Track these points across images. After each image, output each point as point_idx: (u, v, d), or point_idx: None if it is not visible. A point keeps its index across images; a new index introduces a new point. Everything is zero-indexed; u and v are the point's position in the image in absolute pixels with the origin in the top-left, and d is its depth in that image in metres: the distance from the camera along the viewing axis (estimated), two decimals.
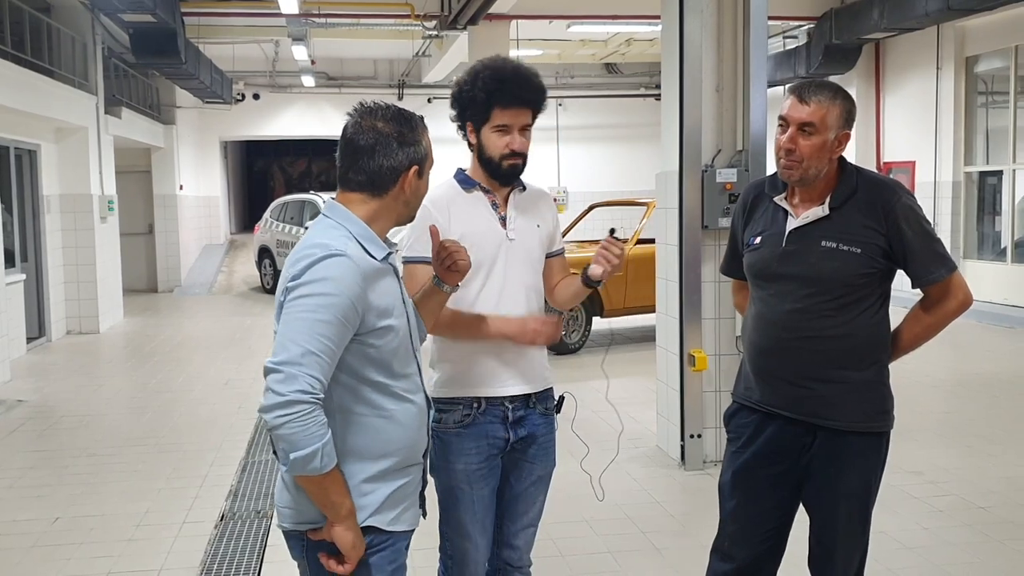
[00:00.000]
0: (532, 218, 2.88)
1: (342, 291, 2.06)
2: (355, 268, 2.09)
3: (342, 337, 2.08)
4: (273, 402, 1.99)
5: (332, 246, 2.10)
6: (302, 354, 2.01)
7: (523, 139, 2.78)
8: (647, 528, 4.73)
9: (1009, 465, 5.70)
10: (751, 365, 2.87)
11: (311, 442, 2.00)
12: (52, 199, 11.34)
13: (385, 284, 2.20)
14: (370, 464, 2.19)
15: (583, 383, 8.40)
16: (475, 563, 2.82)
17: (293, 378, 1.99)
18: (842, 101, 2.69)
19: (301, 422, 1.98)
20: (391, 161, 2.20)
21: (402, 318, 2.24)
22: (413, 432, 2.27)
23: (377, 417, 2.20)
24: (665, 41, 5.85)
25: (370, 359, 2.16)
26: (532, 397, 2.85)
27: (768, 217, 2.84)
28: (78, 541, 4.72)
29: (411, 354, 2.29)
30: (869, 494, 2.80)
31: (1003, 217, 12.66)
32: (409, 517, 2.30)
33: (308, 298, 2.05)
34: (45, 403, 7.91)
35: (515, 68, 2.75)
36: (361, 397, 2.18)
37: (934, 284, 2.73)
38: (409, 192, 2.26)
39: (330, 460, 2.05)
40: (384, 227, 2.27)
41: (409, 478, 2.28)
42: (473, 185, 2.84)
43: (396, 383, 2.23)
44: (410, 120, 2.25)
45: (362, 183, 2.23)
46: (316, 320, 2.03)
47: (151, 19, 11.06)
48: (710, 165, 5.57)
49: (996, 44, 12.43)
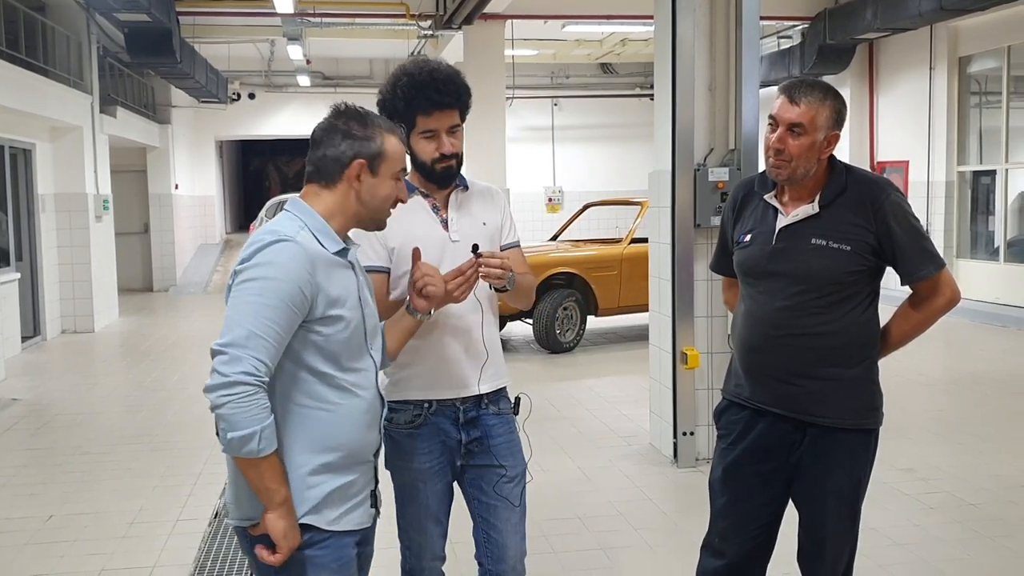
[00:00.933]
0: (476, 217, 2.85)
1: (288, 275, 2.08)
2: (302, 252, 2.12)
3: (289, 321, 2.09)
4: (216, 382, 2.01)
5: (282, 232, 2.14)
6: (247, 336, 2.03)
7: (452, 140, 2.74)
8: (639, 525, 4.75)
9: (1000, 463, 5.73)
10: (741, 362, 2.89)
11: (250, 424, 2.01)
12: (47, 198, 11.34)
13: (338, 276, 2.21)
14: (313, 457, 2.18)
15: (577, 381, 8.45)
16: (431, 550, 2.85)
17: (238, 360, 2.02)
18: (832, 101, 2.70)
19: (242, 403, 2.00)
20: (333, 151, 2.24)
21: (355, 312, 2.24)
22: (360, 429, 2.26)
23: (321, 409, 2.19)
24: (658, 41, 5.87)
25: (317, 347, 2.17)
26: (484, 398, 2.83)
27: (758, 215, 2.86)
28: (71, 539, 4.73)
29: (364, 350, 2.29)
30: (858, 491, 2.82)
31: (996, 217, 12.70)
32: (357, 516, 2.29)
33: (254, 281, 2.08)
34: (39, 401, 7.91)
35: (432, 71, 2.69)
36: (304, 388, 2.18)
37: (923, 281, 2.75)
38: (362, 189, 2.26)
39: (268, 445, 2.05)
40: (343, 224, 2.28)
41: (354, 476, 2.27)
42: (412, 190, 2.79)
43: (343, 375, 2.22)
44: (364, 117, 2.27)
45: (311, 173, 2.28)
46: (262, 303, 2.06)
47: (146, 18, 11.05)
48: (702, 164, 5.59)
49: (989, 44, 12.47)
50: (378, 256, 2.75)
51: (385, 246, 2.75)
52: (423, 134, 2.72)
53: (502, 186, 12.98)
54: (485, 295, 2.81)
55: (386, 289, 2.75)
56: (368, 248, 2.73)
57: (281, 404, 2.16)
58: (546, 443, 6.27)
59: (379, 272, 2.74)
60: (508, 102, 14.22)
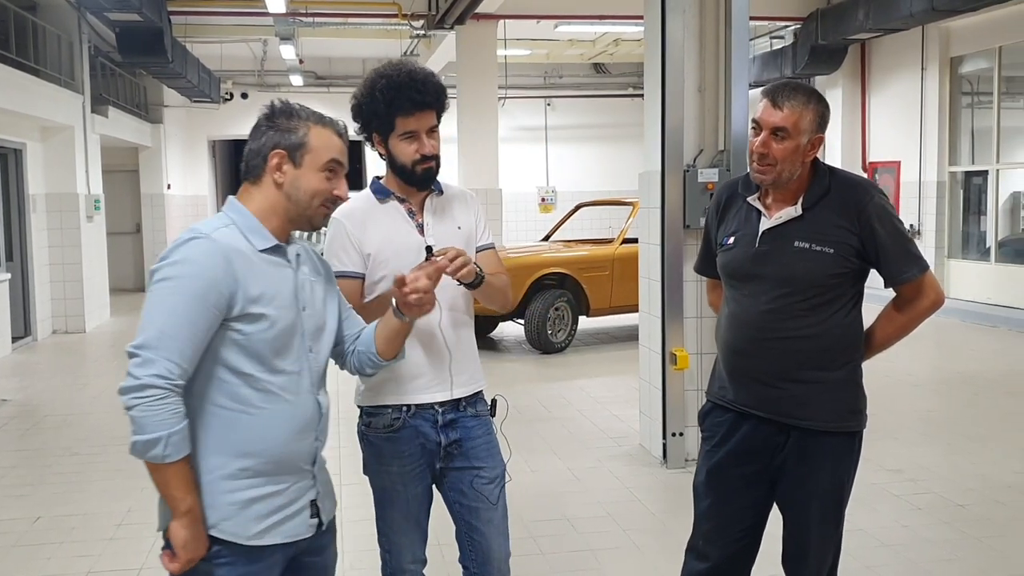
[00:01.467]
0: (451, 221, 2.85)
1: (200, 272, 2.03)
2: (216, 249, 2.06)
3: (205, 319, 2.03)
4: (128, 384, 1.96)
5: (200, 230, 2.10)
6: (159, 337, 1.98)
7: (432, 141, 2.74)
8: (628, 526, 4.76)
9: (988, 463, 5.75)
10: (724, 365, 2.89)
11: (156, 428, 1.96)
12: (38, 198, 11.31)
13: (263, 273, 2.14)
14: (230, 461, 2.11)
15: (569, 382, 8.45)
16: (412, 553, 2.85)
17: (150, 362, 1.97)
18: (815, 105, 2.70)
19: (151, 407, 1.95)
20: (257, 144, 2.20)
21: (286, 312, 2.16)
22: (286, 435, 2.17)
23: (243, 412, 2.12)
24: (648, 41, 5.87)
25: (239, 346, 2.10)
26: (462, 401, 2.83)
27: (741, 217, 2.86)
28: (59, 540, 4.72)
29: (296, 353, 2.20)
30: (842, 493, 2.82)
31: (987, 217, 12.73)
32: (289, 528, 2.19)
33: (167, 280, 2.03)
34: (29, 402, 7.90)
35: (409, 72, 2.69)
36: (226, 389, 2.11)
37: (906, 283, 2.75)
38: (286, 182, 2.19)
39: (175, 451, 1.99)
40: (278, 227, 2.21)
41: (283, 486, 2.17)
42: (388, 195, 2.80)
43: (269, 377, 2.13)
44: (289, 110, 2.22)
45: (243, 171, 2.24)
46: (174, 302, 2.01)
47: (137, 18, 11.04)
48: (692, 165, 5.59)
49: (980, 45, 12.50)
50: (352, 262, 2.74)
51: (360, 252, 2.74)
52: (403, 136, 2.71)
53: (494, 187, 13.00)
54: (447, 296, 2.78)
55: (360, 294, 2.74)
56: (343, 254, 2.73)
57: (199, 405, 2.10)
58: (536, 444, 6.27)
59: (353, 278, 2.74)
60: (501, 102, 14.20)
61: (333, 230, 2.79)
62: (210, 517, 2.09)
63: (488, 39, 12.93)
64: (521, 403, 7.48)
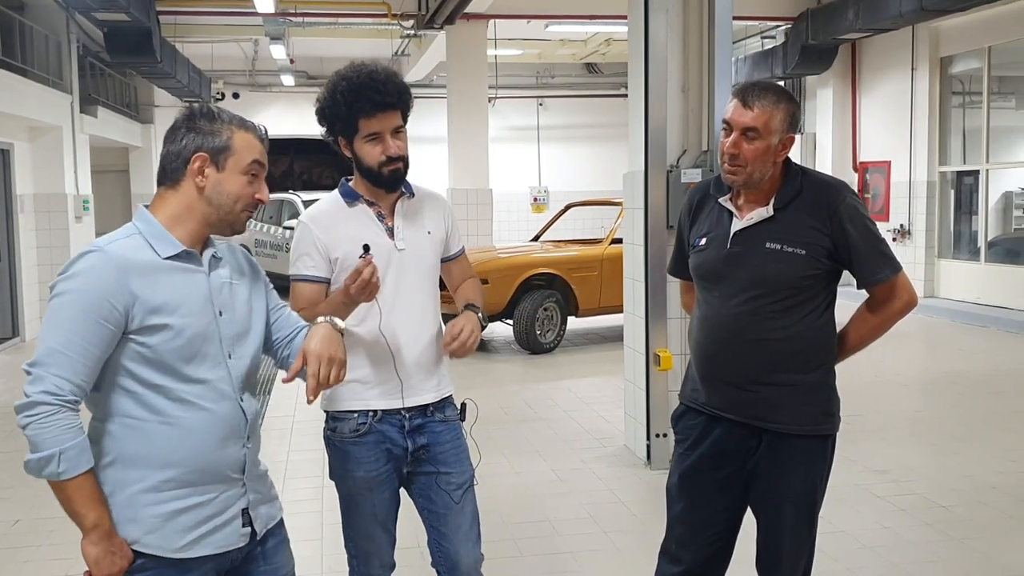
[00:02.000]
0: (421, 225, 2.83)
1: (90, 287, 1.97)
2: (108, 262, 2.00)
3: (99, 335, 1.98)
4: (19, 403, 1.93)
5: (96, 243, 2.05)
6: (48, 353, 1.95)
7: (398, 142, 2.70)
8: (609, 528, 4.74)
9: (972, 463, 5.73)
10: (697, 367, 2.87)
11: (49, 446, 1.91)
12: (26, 198, 11.26)
13: (167, 281, 2.07)
14: (149, 473, 2.05)
15: (557, 382, 8.43)
16: (379, 558, 2.83)
17: (40, 379, 1.93)
18: (786, 105, 2.68)
19: (41, 424, 1.91)
20: (176, 147, 2.14)
21: (195, 318, 2.09)
22: (208, 444, 2.11)
23: (160, 423, 2.06)
24: (631, 41, 5.85)
25: (144, 359, 2.04)
26: (430, 406, 2.81)
27: (713, 218, 2.84)
28: (37, 543, 4.69)
29: (211, 359, 2.13)
30: (815, 496, 2.79)
31: (978, 217, 12.74)
32: (218, 539, 2.14)
33: (58, 296, 1.99)
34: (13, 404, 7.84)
35: (370, 73, 2.65)
36: (138, 400, 2.05)
37: (879, 284, 2.73)
38: (208, 187, 2.13)
39: (71, 467, 1.93)
40: (193, 231, 2.14)
41: (209, 497, 2.12)
42: (356, 198, 2.77)
43: (183, 387, 2.07)
44: (210, 113, 2.17)
45: (158, 175, 2.18)
46: (65, 318, 1.96)
47: (125, 18, 11.03)
48: (675, 165, 5.57)
49: (970, 45, 12.51)
50: (316, 267, 2.72)
51: (327, 257, 2.72)
52: (367, 138, 2.68)
53: (485, 187, 12.99)
54: (431, 302, 2.81)
55: (323, 299, 2.71)
56: (307, 258, 2.71)
57: (111, 418, 2.06)
58: (521, 445, 6.25)
59: (317, 283, 2.72)
60: (491, 102, 14.19)
61: (299, 233, 2.77)
62: (133, 532, 2.04)
63: (478, 39, 12.93)
64: (508, 404, 7.47)
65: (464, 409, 2.94)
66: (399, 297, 2.73)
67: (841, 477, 5.28)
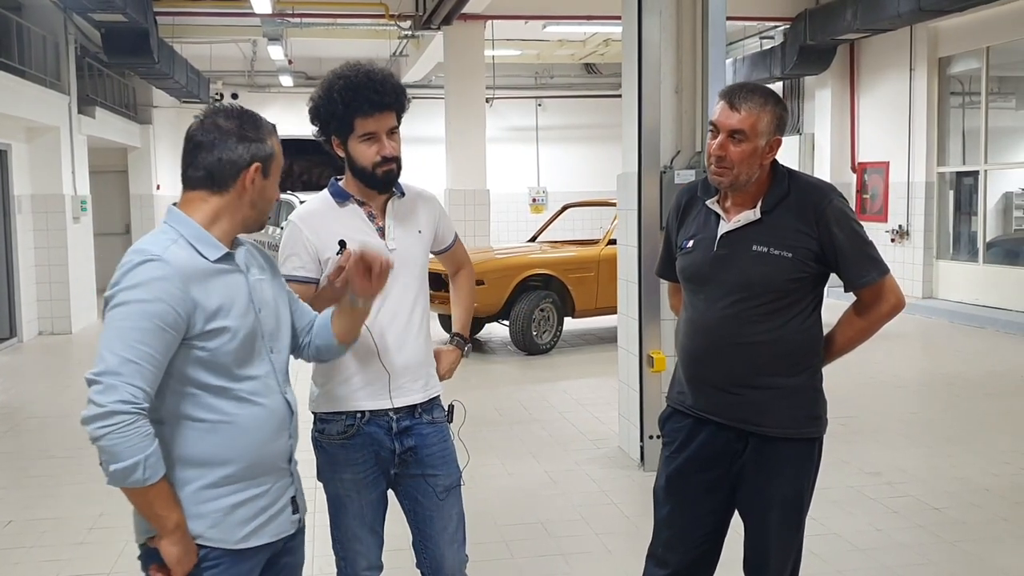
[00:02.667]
0: (412, 225, 2.85)
1: (157, 296, 2.00)
2: (171, 271, 2.03)
3: (165, 343, 2.02)
4: (93, 413, 1.94)
5: (149, 251, 2.05)
6: (120, 363, 1.96)
7: (392, 143, 2.71)
8: (600, 530, 4.73)
9: (965, 465, 5.72)
10: (683, 370, 2.86)
11: (132, 454, 1.95)
12: (23, 199, 11.25)
13: (218, 284, 2.12)
14: (209, 471, 2.12)
15: (552, 383, 8.43)
16: (367, 559, 2.83)
17: (113, 388, 1.95)
18: (773, 107, 2.67)
19: (122, 433, 1.93)
20: (229, 155, 2.14)
21: (245, 318, 2.15)
22: (263, 437, 2.18)
23: (217, 422, 2.12)
24: (625, 42, 5.85)
25: (203, 362, 2.09)
26: (418, 407, 2.81)
27: (700, 220, 2.83)
28: (29, 544, 4.68)
29: (259, 356, 2.20)
30: (801, 500, 2.78)
31: (977, 218, 12.72)
32: (273, 528, 2.24)
33: (123, 306, 2.00)
34: (10, 404, 7.86)
35: (367, 73, 2.66)
36: (197, 402, 2.11)
37: (866, 287, 2.72)
38: (254, 192, 2.18)
39: (154, 472, 1.99)
40: (228, 229, 2.18)
41: (264, 487, 2.20)
42: (347, 198, 2.78)
43: (238, 385, 2.14)
44: (253, 119, 2.19)
45: (201, 179, 2.16)
46: (133, 328, 1.98)
47: (122, 18, 11.01)
48: (669, 166, 5.56)
49: (968, 45, 12.48)
50: (306, 267, 2.72)
51: (317, 258, 2.72)
52: (362, 138, 2.68)
53: (482, 187, 12.98)
54: (421, 302, 2.82)
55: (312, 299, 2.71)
56: (296, 258, 2.71)
57: (173, 421, 2.10)
58: (515, 446, 6.25)
59: (306, 283, 2.71)
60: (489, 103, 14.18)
61: (289, 233, 2.76)
62: (197, 527, 2.10)
63: (476, 40, 12.92)
64: (503, 405, 7.46)
65: (452, 411, 2.95)
66: (390, 297, 2.72)
67: (834, 479, 5.30)
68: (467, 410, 3.12)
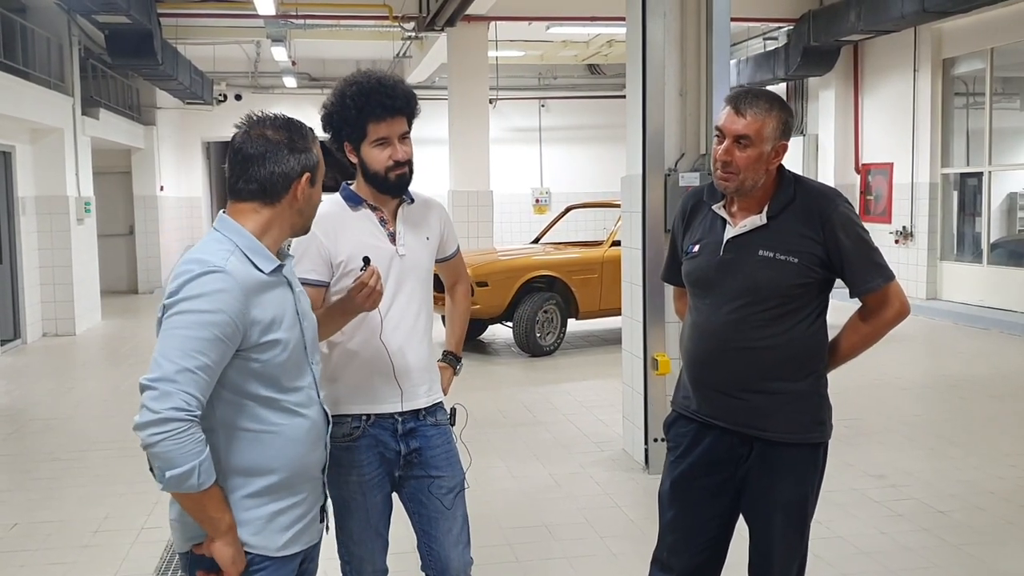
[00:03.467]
0: (421, 231, 2.87)
1: (219, 307, 2.02)
2: (234, 283, 2.05)
3: (221, 354, 2.04)
4: (147, 419, 1.96)
5: (210, 262, 2.06)
6: (177, 371, 1.98)
7: (405, 147, 2.74)
8: (605, 533, 4.73)
9: (970, 468, 5.72)
10: (688, 374, 2.86)
11: (187, 460, 1.97)
12: (27, 200, 11.27)
13: (272, 297, 2.15)
14: (253, 480, 2.15)
15: (556, 385, 8.42)
16: (372, 563, 2.84)
17: (168, 395, 1.96)
18: (779, 112, 2.67)
19: (176, 440, 1.95)
20: (282, 167, 2.17)
21: (293, 330, 2.19)
22: (304, 448, 2.22)
23: (264, 432, 2.15)
24: (629, 44, 5.84)
25: (255, 374, 2.12)
26: (422, 410, 2.84)
27: (706, 225, 2.83)
28: (33, 548, 4.68)
29: (304, 367, 2.24)
30: (806, 505, 2.78)
31: (981, 219, 12.70)
32: (307, 536, 2.27)
33: (184, 315, 2.02)
34: (13, 406, 7.87)
35: (379, 79, 2.70)
36: (247, 412, 2.14)
37: (871, 293, 2.72)
38: (302, 200, 2.22)
39: (207, 478, 2.01)
40: (277, 238, 2.22)
41: (302, 496, 2.24)
42: (360, 202, 2.80)
43: (286, 397, 2.18)
44: (300, 128, 2.22)
45: (254, 192, 2.18)
46: (192, 337, 2.00)
47: (126, 20, 11.00)
48: (673, 169, 5.56)
49: (972, 46, 12.46)
50: (317, 271, 2.73)
51: (330, 261, 2.73)
52: (375, 143, 2.71)
53: (486, 188, 12.97)
54: (425, 308, 2.85)
55: (321, 302, 2.72)
56: (308, 261, 2.71)
57: (219, 430, 2.13)
58: (519, 449, 6.24)
59: (318, 286, 2.72)
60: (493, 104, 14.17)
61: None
62: (240, 534, 2.14)
63: (479, 41, 12.92)
64: (506, 407, 7.46)
65: (454, 414, 2.96)
66: (397, 302, 2.76)
67: (838, 481, 5.29)
68: (470, 412, 3.15)
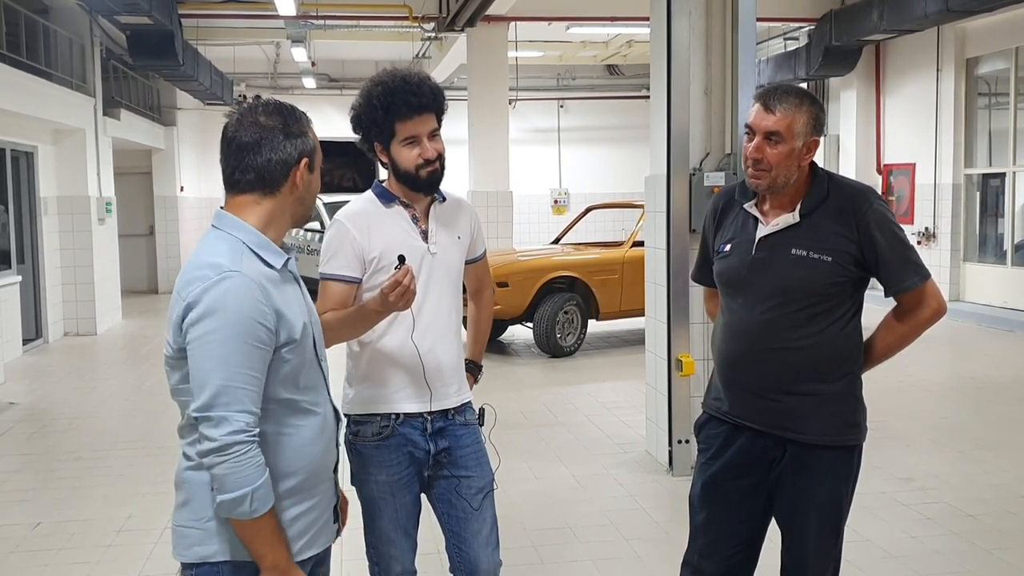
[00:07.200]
0: (453, 230, 2.85)
1: (242, 314, 1.94)
2: (252, 285, 1.97)
3: (261, 359, 1.97)
4: (208, 448, 1.92)
5: (224, 265, 1.97)
6: (223, 392, 1.92)
7: (435, 144, 2.73)
8: (630, 535, 4.69)
9: (1000, 472, 5.64)
10: (720, 375, 2.82)
11: (240, 485, 1.92)
12: (49, 201, 11.33)
13: (286, 293, 2.08)
14: (274, 484, 2.05)
15: (577, 386, 8.39)
16: (401, 564, 2.82)
17: (224, 421, 1.91)
18: (809, 107, 2.63)
19: (234, 462, 1.91)
20: (279, 154, 2.07)
21: (305, 327, 2.12)
22: (319, 447, 2.16)
23: (283, 436, 2.08)
24: (653, 43, 5.80)
25: (281, 376, 2.05)
26: (451, 410, 2.82)
27: (738, 224, 2.79)
28: (57, 547, 4.69)
29: (315, 363, 2.17)
30: (840, 508, 2.74)
31: (1004, 220, 12.58)
32: (323, 539, 2.21)
33: (213, 333, 1.93)
34: (36, 406, 7.90)
35: (404, 77, 2.69)
36: (269, 416, 2.05)
37: (907, 292, 2.67)
38: (303, 187, 2.12)
39: (261, 505, 1.95)
40: (280, 230, 2.14)
41: (317, 498, 2.17)
42: (392, 200, 2.78)
43: (303, 396, 2.11)
44: (293, 112, 2.13)
45: (252, 182, 2.08)
46: (229, 352, 1.93)
47: (148, 21, 11.05)
48: (698, 168, 5.52)
49: (997, 46, 12.34)
50: (351, 267, 2.71)
51: (363, 258, 2.71)
52: (404, 141, 2.70)
53: (505, 189, 12.96)
54: (455, 307, 2.84)
55: (352, 300, 2.70)
56: (342, 257, 2.69)
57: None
58: (541, 450, 6.21)
59: (349, 283, 2.70)
60: (512, 104, 14.14)
61: (335, 232, 2.75)
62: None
63: (499, 41, 12.91)
64: (528, 408, 7.43)
65: (483, 414, 2.94)
66: (428, 300, 2.75)
67: (865, 484, 5.18)
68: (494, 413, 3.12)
